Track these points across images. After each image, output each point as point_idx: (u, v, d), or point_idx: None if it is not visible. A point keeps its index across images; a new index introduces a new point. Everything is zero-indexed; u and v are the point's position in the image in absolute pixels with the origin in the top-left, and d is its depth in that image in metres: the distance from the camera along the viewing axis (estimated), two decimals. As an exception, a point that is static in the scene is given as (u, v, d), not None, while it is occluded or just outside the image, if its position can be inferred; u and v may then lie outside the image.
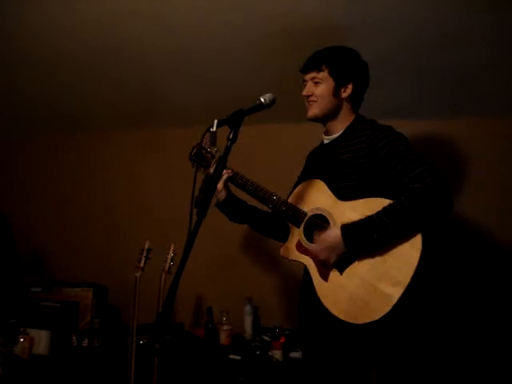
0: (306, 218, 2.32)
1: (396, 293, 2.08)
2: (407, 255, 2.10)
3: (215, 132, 1.85)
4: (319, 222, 2.31)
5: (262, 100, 2.04)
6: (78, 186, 4.29)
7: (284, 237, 2.57)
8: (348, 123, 2.38)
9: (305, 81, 2.39)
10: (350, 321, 2.15)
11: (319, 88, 2.33)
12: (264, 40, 3.05)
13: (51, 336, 3.55)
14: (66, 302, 3.74)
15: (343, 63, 2.35)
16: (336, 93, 2.33)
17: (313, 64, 2.36)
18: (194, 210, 1.81)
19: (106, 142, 4.23)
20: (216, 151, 2.43)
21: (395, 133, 2.27)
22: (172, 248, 3.19)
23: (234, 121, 1.90)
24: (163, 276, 3.15)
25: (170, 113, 3.87)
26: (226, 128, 1.93)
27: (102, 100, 3.83)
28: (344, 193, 2.26)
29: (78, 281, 3.92)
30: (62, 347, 3.54)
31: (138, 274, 3.17)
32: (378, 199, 2.17)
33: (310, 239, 2.32)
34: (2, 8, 3.05)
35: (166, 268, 3.16)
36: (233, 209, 2.56)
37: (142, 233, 3.52)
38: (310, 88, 2.35)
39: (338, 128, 2.38)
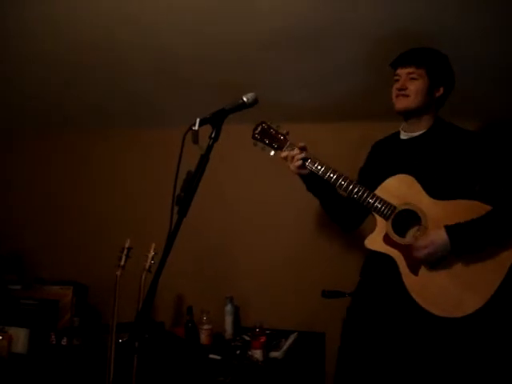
0: (396, 211, 2.33)
1: (488, 290, 2.17)
2: (500, 255, 2.19)
3: (197, 131, 1.84)
4: (409, 217, 2.33)
5: (245, 99, 1.99)
6: (58, 185, 4.26)
7: (349, 225, 2.73)
8: (430, 123, 2.44)
9: (396, 75, 2.44)
10: (441, 314, 2.20)
11: (415, 84, 2.37)
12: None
13: (30, 334, 3.53)
14: (46, 300, 3.71)
15: (440, 65, 2.43)
16: (430, 92, 2.40)
17: (412, 59, 2.40)
18: (175, 209, 1.80)
19: (87, 142, 4.21)
20: (287, 132, 2.47)
21: (487, 140, 2.37)
22: (153, 247, 3.18)
23: (216, 120, 1.89)
24: (143, 275, 3.14)
25: (152, 113, 3.87)
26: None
27: (84, 99, 3.81)
28: (432, 191, 2.31)
29: (58, 279, 3.90)
30: (40, 346, 3.52)
31: (118, 273, 3.16)
32: (475, 202, 2.27)
33: (398, 232, 2.34)
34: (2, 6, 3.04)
35: (147, 267, 3.15)
36: (313, 182, 2.54)
37: (122, 231, 3.51)
38: (405, 82, 2.39)
39: (421, 126, 2.44)
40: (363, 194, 2.37)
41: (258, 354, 3.15)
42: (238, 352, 3.25)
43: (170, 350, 3.33)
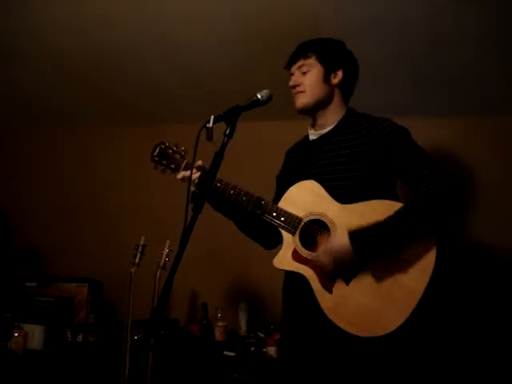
0: (302, 224, 2.10)
1: (411, 302, 1.93)
2: (421, 261, 1.96)
3: (212, 128, 1.83)
4: (317, 227, 2.09)
5: (259, 96, 1.94)
6: (74, 182, 4.28)
7: (269, 242, 2.40)
8: (340, 116, 2.20)
9: (291, 74, 2.23)
10: (361, 334, 1.96)
11: (307, 77, 2.17)
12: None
13: (46, 331, 3.56)
14: (61, 298, 3.74)
15: (330, 49, 2.21)
16: (326, 78, 2.18)
17: (298, 53, 2.21)
18: (190, 206, 1.80)
19: (102, 138, 4.23)
20: (184, 150, 2.26)
21: (399, 127, 2.10)
22: (167, 244, 3.20)
23: (230, 117, 1.85)
24: (158, 272, 3.15)
25: (168, 109, 3.88)
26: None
27: (103, 95, 3.83)
28: (343, 193, 2.07)
29: (74, 276, 3.91)
30: (56, 342, 3.54)
31: (133, 270, 3.17)
32: (386, 201, 2.03)
33: (307, 247, 2.09)
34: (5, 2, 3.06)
35: (161, 264, 3.17)
36: (218, 202, 2.29)
37: (137, 228, 3.52)
38: (297, 78, 2.19)
39: (329, 121, 2.20)
40: (265, 208, 2.14)
41: (272, 350, 3.16)
42: (252, 349, 3.26)
43: (184, 347, 3.34)
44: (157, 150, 2.28)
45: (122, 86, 3.69)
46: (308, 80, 2.17)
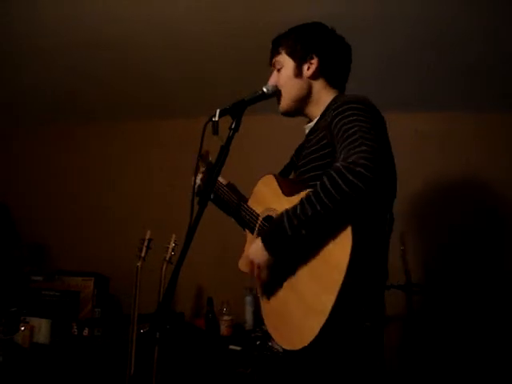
0: (259, 221, 1.98)
1: (326, 307, 1.58)
2: (335, 256, 1.61)
3: (217, 122, 1.82)
4: (266, 225, 1.93)
5: (265, 90, 1.96)
6: (79, 176, 4.29)
7: None
8: (326, 105, 1.96)
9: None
10: (284, 346, 1.77)
11: (280, 75, 2.01)
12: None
13: (52, 325, 3.56)
14: (67, 292, 3.75)
15: (300, 37, 2.00)
16: (298, 72, 1.98)
17: (272, 50, 2.07)
18: (196, 200, 1.79)
19: (108, 133, 4.23)
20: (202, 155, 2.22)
21: (350, 101, 1.79)
22: (173, 238, 3.20)
23: (236, 110, 1.85)
24: (164, 266, 3.16)
25: (171, 105, 3.88)
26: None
27: (104, 92, 3.83)
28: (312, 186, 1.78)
29: (80, 270, 3.92)
30: (62, 336, 3.55)
31: (138, 264, 3.18)
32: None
33: None
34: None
35: (167, 258, 3.17)
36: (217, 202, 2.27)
37: (143, 223, 3.52)
38: (272, 78, 2.04)
39: (315, 113, 2.01)
40: (237, 206, 2.09)
41: (278, 344, 3.14)
42: (258, 343, 3.25)
43: (190, 341, 3.34)
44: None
45: (123, 82, 3.69)
46: (281, 79, 2.02)
